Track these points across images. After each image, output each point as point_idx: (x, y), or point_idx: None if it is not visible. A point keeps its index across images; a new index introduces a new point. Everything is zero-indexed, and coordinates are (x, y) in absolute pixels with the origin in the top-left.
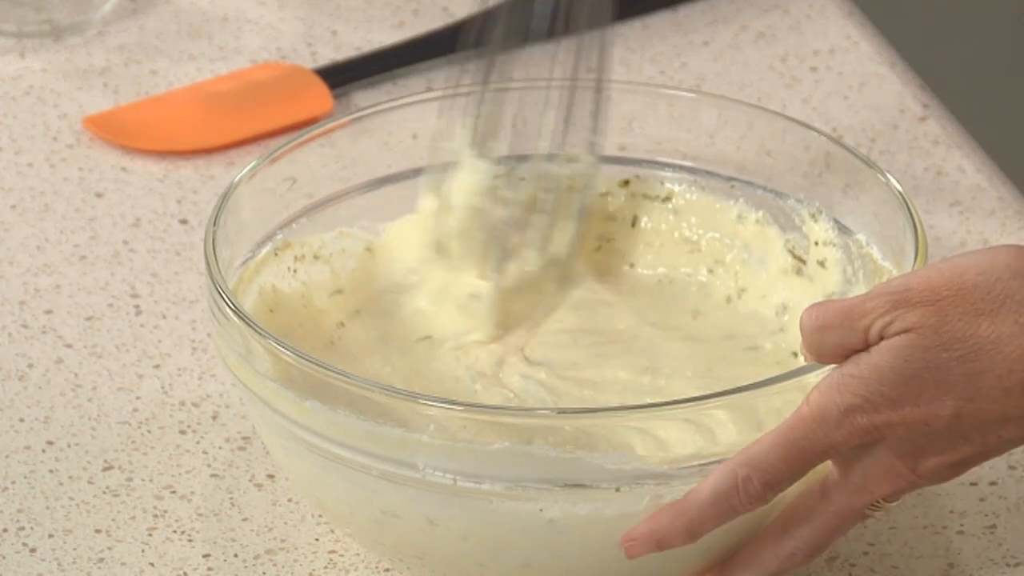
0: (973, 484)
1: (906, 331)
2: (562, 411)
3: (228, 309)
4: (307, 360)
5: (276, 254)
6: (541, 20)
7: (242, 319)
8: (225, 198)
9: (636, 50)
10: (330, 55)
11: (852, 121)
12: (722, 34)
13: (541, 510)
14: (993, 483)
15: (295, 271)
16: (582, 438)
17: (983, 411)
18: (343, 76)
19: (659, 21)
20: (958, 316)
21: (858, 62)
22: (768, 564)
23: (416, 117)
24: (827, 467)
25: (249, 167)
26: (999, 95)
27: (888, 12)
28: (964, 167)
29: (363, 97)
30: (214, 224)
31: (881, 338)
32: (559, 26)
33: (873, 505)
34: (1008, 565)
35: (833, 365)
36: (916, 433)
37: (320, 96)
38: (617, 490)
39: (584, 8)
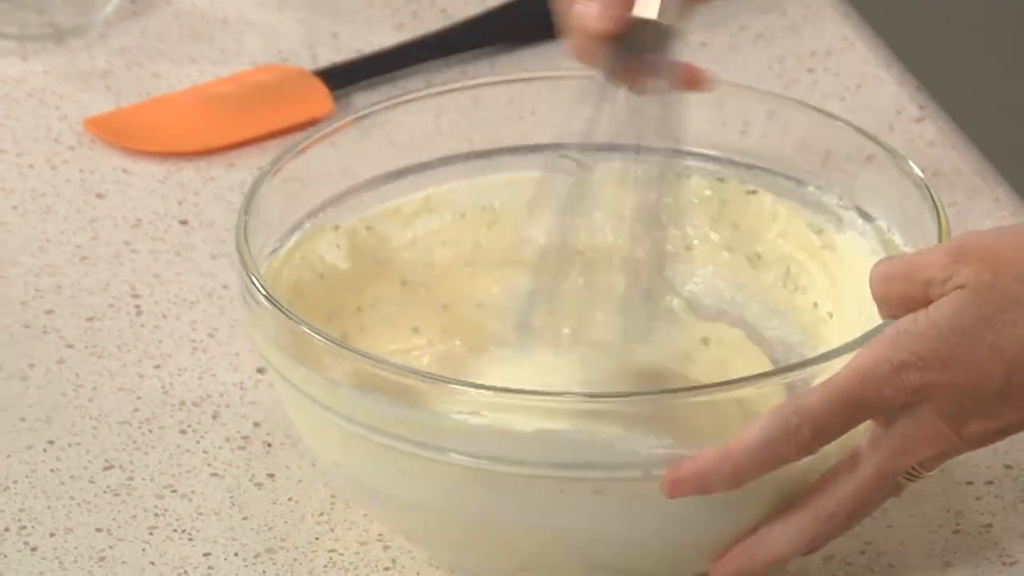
0: (969, 483)
1: (960, 288)
2: (591, 396)
3: (260, 295)
4: (336, 344)
5: (306, 241)
6: None
7: (273, 304)
8: (254, 189)
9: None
10: (330, 57)
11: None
12: (721, 35)
13: (562, 491)
14: (989, 482)
15: (329, 253)
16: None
17: None
18: (343, 78)
19: None
20: (1013, 276)
21: (855, 63)
22: (808, 526)
23: (417, 113)
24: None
25: (273, 161)
26: (995, 97)
27: (885, 14)
28: (960, 168)
29: (363, 98)
30: (245, 213)
31: (941, 295)
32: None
33: (912, 471)
34: (1004, 564)
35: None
36: (964, 395)
37: (320, 98)
38: (647, 475)
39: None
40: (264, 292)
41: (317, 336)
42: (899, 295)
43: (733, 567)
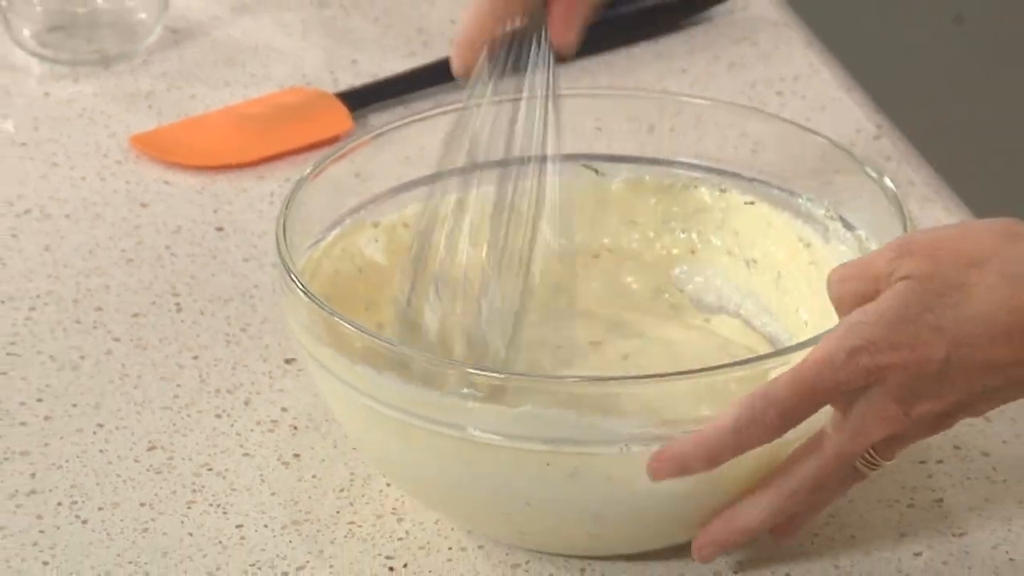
0: (922, 463)
1: (905, 278)
2: (586, 378)
3: (297, 288)
4: (361, 331)
5: (346, 235)
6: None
7: (307, 295)
8: (293, 193)
9: (623, 76)
10: (349, 80)
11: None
12: (698, 62)
13: (548, 464)
14: (940, 462)
15: (368, 247)
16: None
17: (969, 357)
18: (361, 99)
19: (642, 51)
20: (951, 265)
21: (819, 88)
22: (774, 502)
23: (427, 132)
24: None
25: (310, 170)
26: (944, 117)
27: (846, 43)
28: (914, 180)
29: (379, 118)
30: (286, 208)
31: (888, 287)
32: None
33: (870, 459)
34: (953, 535)
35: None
36: (910, 377)
37: (340, 117)
38: (626, 449)
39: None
40: (297, 281)
41: (341, 321)
42: (852, 294)
43: (711, 536)
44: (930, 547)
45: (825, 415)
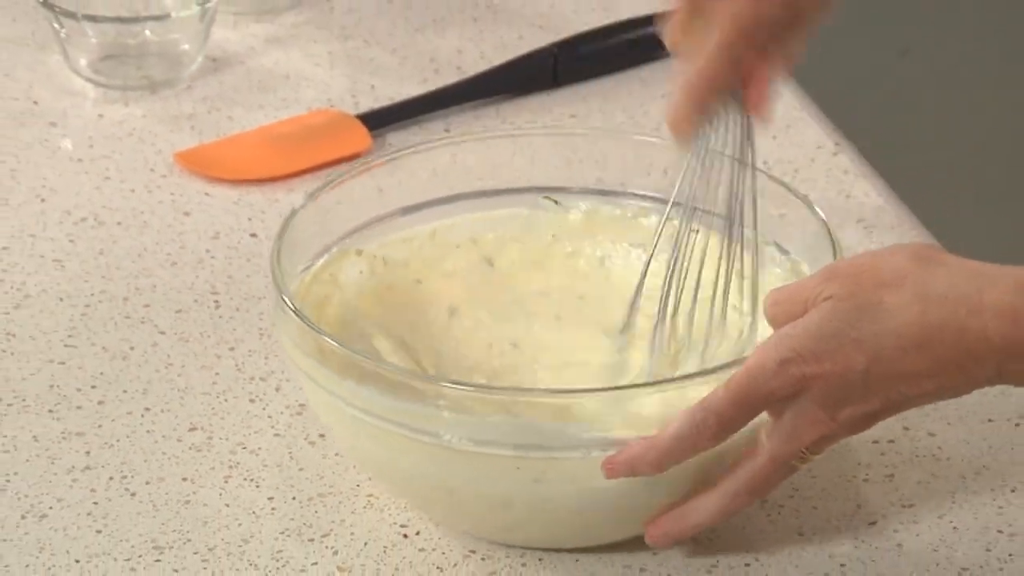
0: (875, 442)
1: (829, 298)
2: (546, 391)
3: (288, 308)
4: (344, 347)
5: (333, 261)
6: None
7: (297, 315)
8: (288, 221)
9: (610, 100)
10: (369, 104)
11: (780, 156)
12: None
13: (518, 468)
14: (891, 441)
15: (351, 273)
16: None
17: (886, 368)
18: (379, 120)
19: (628, 78)
20: (869, 287)
21: (784, 109)
22: (719, 501)
23: (437, 156)
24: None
25: (308, 195)
26: (896, 135)
27: (808, 71)
28: (868, 192)
29: (395, 137)
30: (279, 240)
31: (814, 307)
32: None
33: (801, 455)
34: (903, 506)
35: None
36: (834, 386)
37: (361, 136)
38: (587, 454)
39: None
40: (290, 304)
41: (328, 340)
42: (785, 314)
43: (664, 529)
44: (883, 516)
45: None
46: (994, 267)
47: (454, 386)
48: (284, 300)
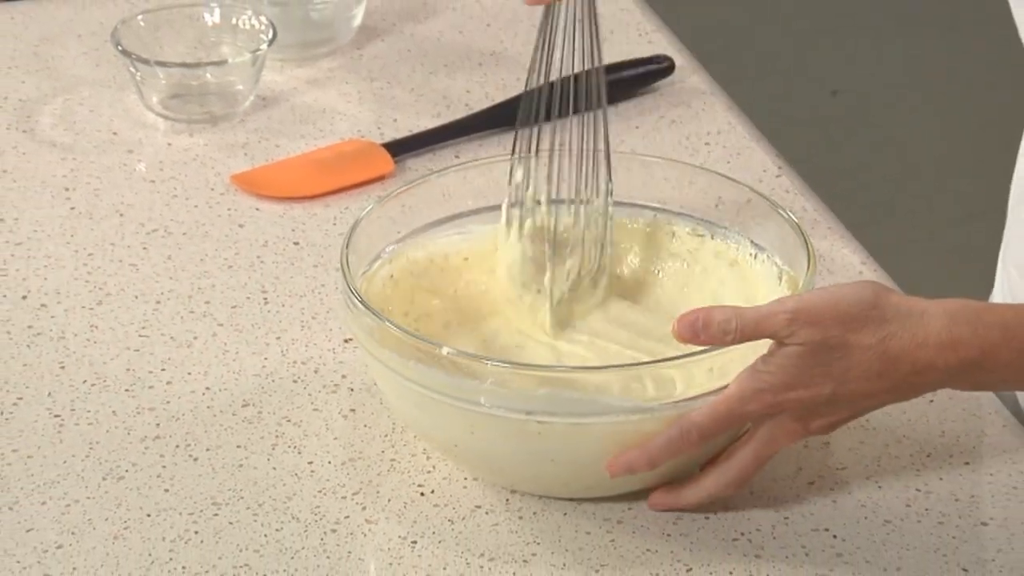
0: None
1: (800, 344)
2: (575, 368)
3: (357, 301)
4: (407, 333)
5: (384, 264)
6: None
7: (366, 307)
8: (353, 229)
9: None
10: (392, 134)
11: (734, 177)
12: (647, 121)
13: (539, 433)
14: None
15: (403, 274)
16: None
17: (852, 390)
18: (400, 148)
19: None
20: (835, 333)
21: (735, 139)
22: (709, 488)
23: (456, 180)
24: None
25: (367, 210)
26: (829, 160)
27: (754, 106)
28: (806, 207)
29: (414, 162)
30: (347, 246)
31: (781, 344)
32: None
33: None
34: (837, 469)
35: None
36: (806, 407)
37: (385, 161)
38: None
39: (586, 93)
40: (360, 300)
41: (394, 328)
42: (743, 336)
43: (664, 502)
44: (820, 477)
45: None
46: (927, 302)
47: (498, 364)
48: (355, 296)
